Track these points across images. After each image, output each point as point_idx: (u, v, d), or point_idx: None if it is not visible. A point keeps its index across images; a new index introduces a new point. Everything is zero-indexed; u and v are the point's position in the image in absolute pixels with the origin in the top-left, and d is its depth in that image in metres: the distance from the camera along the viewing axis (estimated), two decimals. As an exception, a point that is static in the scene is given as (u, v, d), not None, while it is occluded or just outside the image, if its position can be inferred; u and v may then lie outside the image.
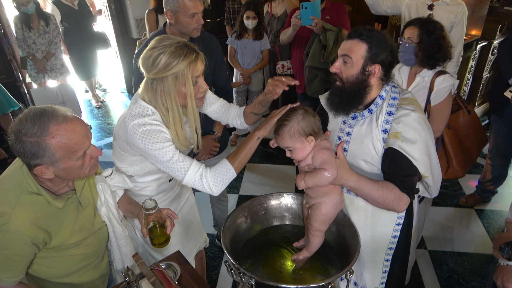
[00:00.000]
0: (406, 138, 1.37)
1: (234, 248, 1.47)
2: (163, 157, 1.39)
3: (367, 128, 1.46)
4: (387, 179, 1.41)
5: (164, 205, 1.68)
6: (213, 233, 2.89)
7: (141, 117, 1.40)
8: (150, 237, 1.38)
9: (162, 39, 1.37)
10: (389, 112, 1.42)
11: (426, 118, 1.44)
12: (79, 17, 4.42)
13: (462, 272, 2.55)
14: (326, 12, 2.94)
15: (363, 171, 1.48)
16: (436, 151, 1.47)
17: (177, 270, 1.42)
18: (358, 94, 1.42)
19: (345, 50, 1.40)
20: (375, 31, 1.39)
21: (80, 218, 1.35)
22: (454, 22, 2.75)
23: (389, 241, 1.59)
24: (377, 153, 1.44)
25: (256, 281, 1.29)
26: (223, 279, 2.55)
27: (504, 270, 1.38)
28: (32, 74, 4.11)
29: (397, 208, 1.39)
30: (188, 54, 1.34)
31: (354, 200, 1.55)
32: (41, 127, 1.12)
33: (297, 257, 1.45)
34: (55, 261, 1.35)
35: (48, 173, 1.18)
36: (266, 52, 3.58)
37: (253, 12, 3.34)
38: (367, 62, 1.37)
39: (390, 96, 1.44)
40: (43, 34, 3.95)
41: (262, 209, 1.62)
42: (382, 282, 1.68)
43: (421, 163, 1.38)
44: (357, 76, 1.39)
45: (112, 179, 1.47)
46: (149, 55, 1.35)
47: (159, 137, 1.38)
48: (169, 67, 1.33)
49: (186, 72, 1.34)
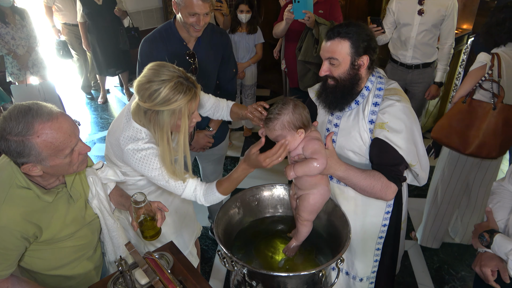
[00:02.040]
0: (391, 128, 1.40)
1: (227, 238, 1.49)
2: (160, 181, 1.46)
3: (354, 119, 1.48)
4: (375, 169, 1.44)
5: (155, 195, 1.69)
6: (207, 225, 2.91)
7: (135, 141, 1.41)
8: (140, 230, 1.39)
9: (160, 70, 1.32)
10: (375, 103, 1.44)
11: (411, 107, 1.47)
12: (102, 13, 4.28)
13: (451, 263, 2.60)
14: (318, 6, 2.95)
15: (352, 162, 1.51)
16: (422, 139, 1.50)
17: (170, 260, 1.44)
18: (352, 88, 1.45)
19: (329, 53, 1.41)
20: (351, 24, 1.40)
21: (71, 211, 1.35)
22: (445, 15, 2.78)
23: (379, 230, 1.63)
24: (364, 144, 1.47)
25: (248, 270, 1.31)
26: (216, 271, 2.58)
27: (482, 257, 1.42)
28: (14, 71, 4.00)
29: (385, 197, 1.42)
30: (188, 91, 1.31)
31: (344, 190, 1.58)
32: (26, 125, 1.10)
33: (287, 248, 1.48)
34: (48, 253, 1.35)
35: (35, 171, 1.17)
36: (260, 46, 3.59)
37: (247, 6, 3.33)
38: (354, 57, 1.39)
39: (376, 87, 1.47)
40: (21, 28, 3.87)
41: (254, 200, 1.64)
42: (373, 271, 1.72)
43: (407, 152, 1.41)
44: (348, 72, 1.42)
45: (103, 171, 1.47)
46: (147, 87, 1.30)
47: (156, 162, 1.42)
48: (167, 103, 1.30)
49: (184, 109, 1.33)
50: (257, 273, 1.31)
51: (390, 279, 1.79)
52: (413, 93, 3.10)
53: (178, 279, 1.37)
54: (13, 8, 3.85)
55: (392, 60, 3.07)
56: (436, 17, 2.77)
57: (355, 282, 1.73)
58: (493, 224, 1.45)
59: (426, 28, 2.81)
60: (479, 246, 1.43)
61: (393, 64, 3.07)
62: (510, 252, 1.29)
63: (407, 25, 2.85)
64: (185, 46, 1.98)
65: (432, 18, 2.77)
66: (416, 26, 2.82)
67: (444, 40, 2.88)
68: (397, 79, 3.02)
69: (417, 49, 2.90)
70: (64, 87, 5.32)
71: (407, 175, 1.62)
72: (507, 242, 1.32)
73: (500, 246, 1.33)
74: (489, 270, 1.37)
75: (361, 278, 1.72)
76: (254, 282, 1.33)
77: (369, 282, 1.74)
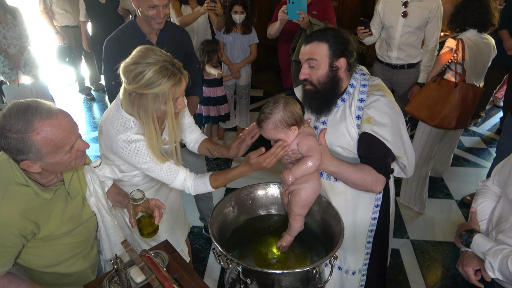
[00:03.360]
0: (378, 122, 1.45)
1: (222, 236, 1.51)
2: (151, 172, 1.50)
3: (341, 115, 1.53)
4: (364, 162, 1.49)
5: (152, 192, 1.71)
6: (201, 225, 2.92)
7: (124, 131, 1.42)
8: (138, 227, 1.41)
9: (147, 53, 1.33)
10: (360, 99, 1.50)
11: (395, 101, 1.53)
12: (105, 12, 4.25)
13: (442, 260, 2.64)
14: (312, 7, 2.98)
15: (340, 157, 1.55)
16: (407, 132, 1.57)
17: (165, 258, 1.45)
18: (333, 91, 1.50)
19: (308, 55, 1.46)
20: (329, 29, 1.48)
21: (69, 208, 1.36)
22: (429, 17, 2.83)
23: (369, 223, 1.67)
24: (352, 139, 1.51)
25: (243, 268, 1.33)
26: (210, 270, 2.59)
27: (464, 256, 1.46)
28: (6, 70, 3.96)
29: (375, 189, 1.48)
30: (172, 75, 1.32)
31: (334, 185, 1.61)
32: (26, 123, 1.11)
33: (281, 243, 1.50)
34: (44, 250, 1.36)
35: (34, 168, 1.18)
36: (255, 46, 3.60)
37: (241, 7, 3.35)
38: (332, 59, 1.45)
39: (360, 84, 1.52)
40: (13, 28, 3.83)
41: (249, 198, 1.66)
42: (365, 264, 1.76)
43: (393, 145, 1.46)
44: (327, 74, 1.47)
45: (101, 169, 1.48)
46: (132, 69, 1.31)
47: (146, 155, 1.44)
48: (151, 85, 1.31)
49: (167, 93, 1.33)
50: (252, 271, 1.33)
51: (381, 271, 1.84)
52: (399, 93, 3.16)
53: (174, 277, 1.39)
54: (5, 7, 3.81)
55: (378, 60, 3.13)
56: (419, 19, 2.84)
57: (347, 276, 1.77)
58: (475, 224, 1.49)
59: (410, 30, 2.87)
60: (460, 245, 1.47)
61: (379, 64, 3.13)
62: (487, 252, 1.31)
63: (392, 27, 2.92)
64: (148, 41, 2.04)
65: (416, 20, 2.84)
66: (400, 27, 2.88)
67: (428, 42, 2.94)
68: (383, 79, 3.07)
69: (402, 50, 2.96)
70: (59, 87, 5.30)
71: (394, 168, 1.67)
72: (485, 242, 1.35)
73: (479, 246, 1.36)
74: (471, 270, 1.40)
75: (353, 272, 1.76)
76: (248, 279, 1.35)
77: (361, 274, 1.78)
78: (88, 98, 5.03)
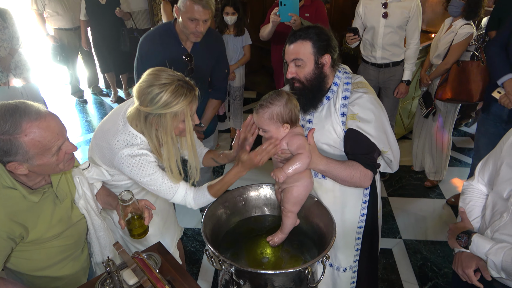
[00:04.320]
0: (362, 118, 1.49)
1: (215, 238, 1.51)
2: (151, 186, 1.49)
3: (326, 113, 1.56)
4: (351, 159, 1.52)
5: (142, 195, 1.70)
6: (195, 227, 2.92)
7: (130, 146, 1.42)
8: (128, 228, 1.40)
9: (160, 74, 1.35)
10: (344, 97, 1.53)
11: (377, 98, 1.57)
12: (105, 13, 4.24)
13: (435, 260, 2.66)
14: (304, 9, 3.00)
15: (327, 154, 1.57)
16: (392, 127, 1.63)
17: (158, 260, 1.45)
18: (320, 87, 1.53)
19: (293, 55, 1.49)
20: (310, 28, 1.50)
21: (57, 211, 1.35)
22: (408, 16, 2.89)
23: (358, 219, 1.70)
24: (338, 136, 1.54)
25: (236, 269, 1.33)
26: (204, 272, 2.59)
27: (462, 257, 1.45)
28: None
29: (363, 184, 1.51)
30: (188, 93, 1.35)
31: (322, 182, 1.64)
32: (13, 124, 1.10)
33: (272, 238, 1.51)
34: (34, 253, 1.34)
35: (21, 169, 1.17)
36: (248, 47, 3.61)
37: (232, 8, 3.36)
38: (317, 56, 1.48)
39: (344, 82, 1.55)
40: (2, 30, 3.79)
41: (241, 200, 1.66)
42: (355, 260, 1.79)
43: (378, 140, 1.50)
44: (313, 71, 1.49)
45: (89, 171, 1.47)
46: (149, 91, 1.32)
47: (149, 169, 1.44)
48: (169, 105, 1.33)
49: (186, 111, 1.36)
50: (245, 272, 1.33)
51: (372, 267, 1.86)
52: (386, 91, 3.21)
53: (167, 278, 1.39)
54: None
55: (364, 61, 3.17)
56: (400, 19, 2.89)
57: (339, 273, 1.79)
58: (468, 224, 1.49)
59: (392, 30, 2.92)
60: (457, 246, 1.46)
61: (365, 64, 3.17)
62: (489, 252, 1.32)
63: (374, 28, 2.96)
64: (183, 48, 2.06)
65: (397, 20, 2.89)
66: (382, 28, 2.93)
67: (410, 40, 3.00)
68: (370, 79, 3.13)
69: (385, 49, 3.00)
70: (52, 89, 5.26)
71: (380, 163, 1.69)
72: (485, 242, 1.35)
73: (479, 247, 1.37)
74: (471, 271, 1.40)
75: (344, 268, 1.78)
76: (241, 280, 1.35)
77: (352, 271, 1.80)
78: (80, 100, 5.00)
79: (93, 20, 4.27)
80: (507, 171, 1.37)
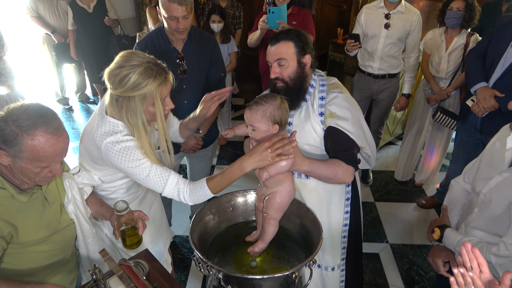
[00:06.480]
0: (340, 116, 1.56)
1: (203, 244, 1.51)
2: (140, 174, 1.42)
3: (305, 114, 1.62)
4: (332, 157, 1.57)
5: (135, 204, 1.69)
6: (183, 234, 2.90)
7: (113, 134, 1.41)
8: (122, 238, 1.40)
9: (130, 56, 1.35)
10: (321, 97, 1.60)
11: (352, 97, 1.65)
12: (92, 20, 4.23)
13: (421, 263, 2.70)
14: (292, 18, 3.04)
15: (309, 154, 1.62)
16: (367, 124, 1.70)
17: (145, 267, 1.44)
18: (302, 86, 1.59)
19: (276, 55, 1.54)
20: (291, 30, 1.58)
21: (46, 213, 1.35)
22: (410, 30, 2.92)
23: (343, 217, 1.75)
24: (318, 136, 1.60)
25: (224, 274, 1.34)
26: (192, 279, 2.57)
27: (434, 249, 1.58)
28: None
29: (346, 180, 1.56)
30: (158, 75, 1.34)
31: (305, 182, 1.68)
32: (31, 125, 1.14)
33: (252, 248, 1.50)
34: (19, 258, 1.33)
35: (4, 161, 1.19)
36: (234, 54, 3.64)
37: (218, 16, 3.39)
38: (299, 56, 1.54)
39: (319, 84, 1.62)
40: None
41: (229, 206, 1.67)
42: (342, 258, 1.82)
43: (357, 136, 1.57)
44: (296, 70, 1.55)
45: (79, 176, 1.47)
46: (117, 73, 1.32)
47: (135, 154, 1.41)
48: (137, 87, 1.32)
49: (155, 93, 1.34)
50: (232, 277, 1.34)
51: (358, 263, 1.92)
52: (377, 101, 3.23)
53: (154, 286, 1.38)
54: None
55: (360, 70, 3.19)
56: (401, 31, 2.92)
57: (327, 273, 1.82)
58: (446, 220, 1.59)
59: (392, 42, 2.95)
60: (432, 239, 1.57)
61: (361, 74, 3.19)
62: (457, 244, 1.42)
63: (374, 37, 2.98)
64: (173, 48, 2.08)
65: (398, 32, 2.92)
66: (382, 38, 2.95)
67: (409, 53, 3.02)
68: (364, 89, 3.16)
69: (383, 60, 3.02)
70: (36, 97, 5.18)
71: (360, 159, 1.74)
72: (455, 236, 1.45)
73: (449, 240, 1.47)
74: (440, 261, 1.52)
75: (332, 267, 1.82)
76: (229, 286, 1.35)
77: (340, 270, 1.84)
78: (66, 108, 4.95)
79: (81, 28, 4.25)
80: (483, 169, 1.48)
